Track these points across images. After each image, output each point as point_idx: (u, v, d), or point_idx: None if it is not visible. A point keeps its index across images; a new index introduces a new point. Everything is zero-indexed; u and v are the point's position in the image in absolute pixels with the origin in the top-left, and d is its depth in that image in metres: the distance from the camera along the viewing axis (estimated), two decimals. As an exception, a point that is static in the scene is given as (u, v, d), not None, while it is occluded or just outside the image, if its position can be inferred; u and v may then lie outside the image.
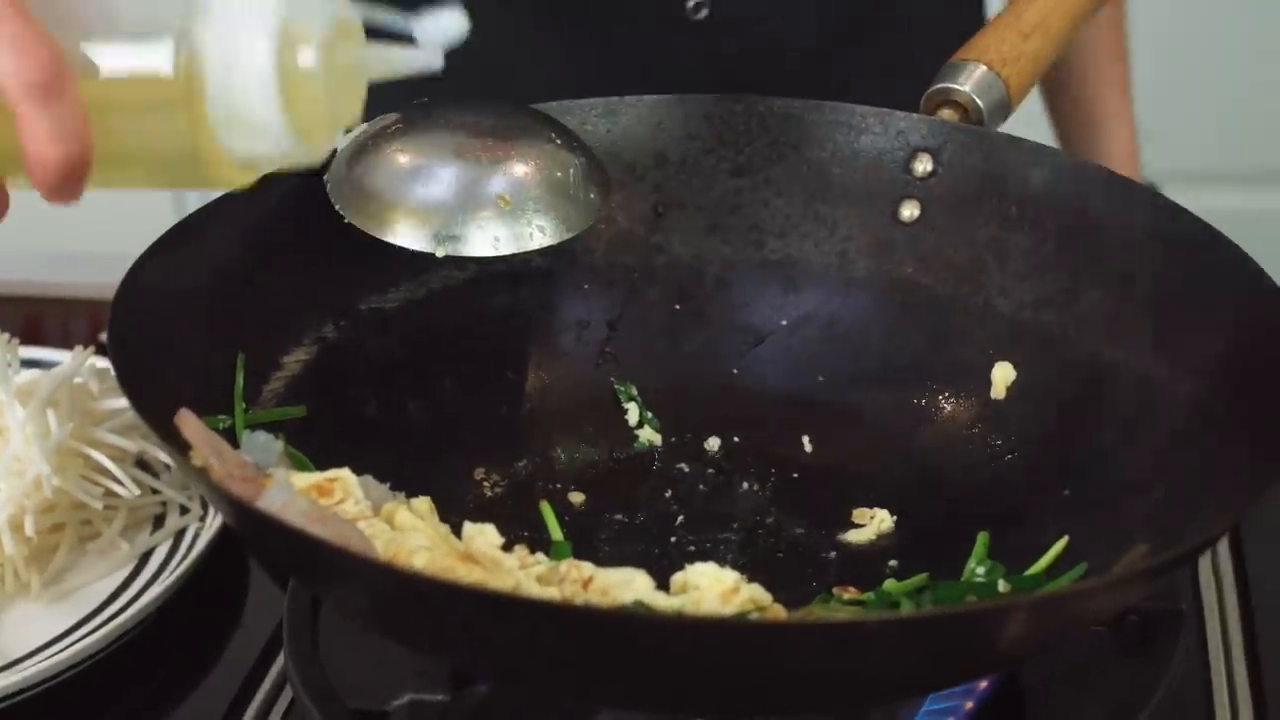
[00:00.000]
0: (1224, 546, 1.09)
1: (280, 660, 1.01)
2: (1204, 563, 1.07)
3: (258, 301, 1.02)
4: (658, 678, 0.77)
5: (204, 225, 1.01)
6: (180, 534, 1.10)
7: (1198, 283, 1.00)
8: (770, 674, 0.76)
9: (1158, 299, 1.01)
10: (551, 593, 0.87)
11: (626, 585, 0.87)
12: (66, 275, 1.54)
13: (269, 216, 1.04)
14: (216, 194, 1.02)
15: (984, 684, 0.92)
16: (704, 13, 1.35)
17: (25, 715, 0.98)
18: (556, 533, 0.98)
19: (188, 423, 0.88)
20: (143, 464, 1.14)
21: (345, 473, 0.91)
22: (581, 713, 0.92)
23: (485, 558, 0.89)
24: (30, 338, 1.22)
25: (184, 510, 1.12)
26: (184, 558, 1.07)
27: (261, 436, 0.94)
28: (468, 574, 0.85)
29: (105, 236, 2.27)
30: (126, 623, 1.01)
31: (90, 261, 1.50)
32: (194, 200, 2.52)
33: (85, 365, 1.13)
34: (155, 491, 1.13)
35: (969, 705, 0.92)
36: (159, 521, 1.12)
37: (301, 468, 0.94)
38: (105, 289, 0.93)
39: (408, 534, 0.88)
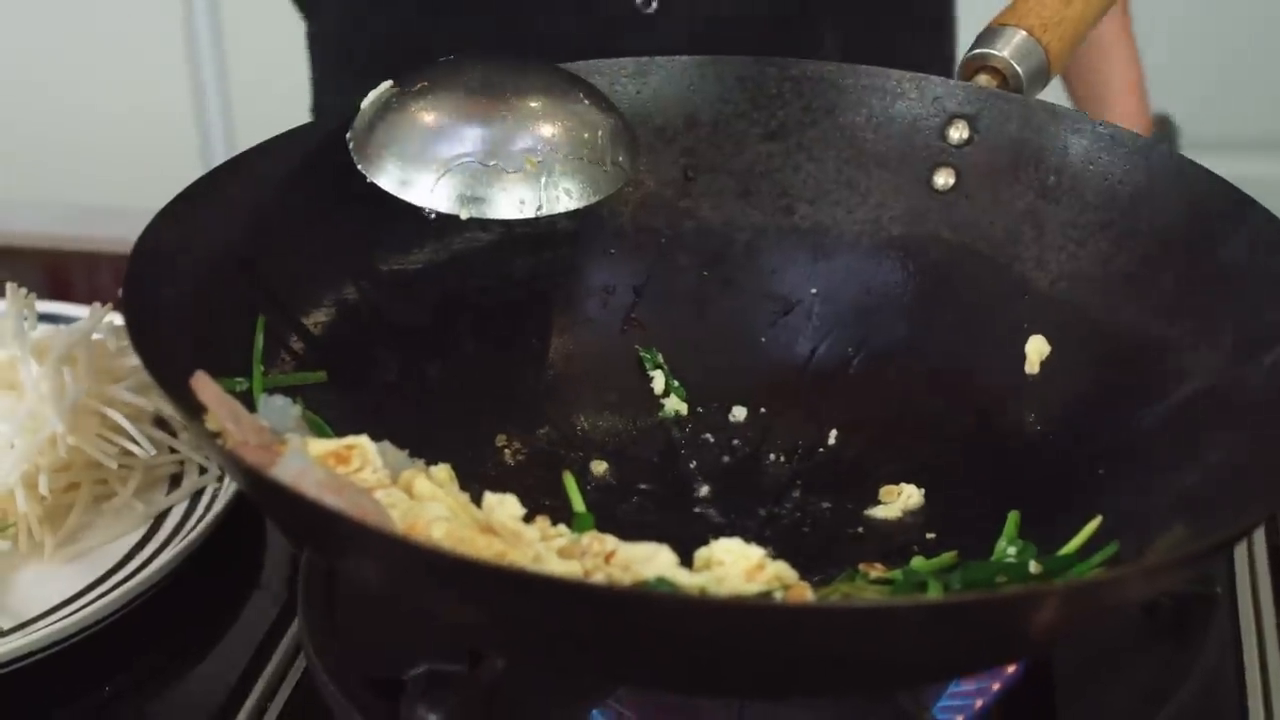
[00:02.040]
0: (1259, 532, 1.06)
1: (296, 624, 1.00)
2: (1239, 546, 1.05)
3: (277, 261, 1.00)
4: (678, 658, 0.75)
5: (223, 183, 0.99)
6: (198, 494, 1.09)
7: (1239, 258, 0.97)
8: (793, 657, 0.74)
9: (1198, 274, 0.99)
10: (573, 566, 0.85)
11: (649, 560, 0.85)
12: (92, 228, 1.52)
13: (290, 174, 1.02)
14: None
15: (1012, 667, 0.90)
16: (654, 6, 1.34)
17: (38, 676, 0.97)
18: (579, 504, 0.96)
19: (203, 385, 0.86)
20: (160, 422, 1.12)
21: (363, 440, 0.89)
22: (600, 687, 0.90)
23: (505, 529, 0.86)
24: (55, 292, 1.21)
25: (202, 470, 1.10)
26: (200, 519, 1.05)
27: (279, 400, 0.92)
28: (487, 546, 0.83)
29: (131, 190, 2.26)
30: (141, 584, 1.00)
31: (117, 215, 1.48)
32: (221, 156, 2.51)
33: (103, 322, 1.11)
34: (173, 450, 1.11)
35: (996, 687, 0.90)
36: (176, 481, 1.11)
37: (319, 433, 0.92)
38: (130, 244, 0.91)
39: (426, 503, 0.86)
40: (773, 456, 1.04)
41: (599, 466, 1.03)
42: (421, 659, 0.91)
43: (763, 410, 1.07)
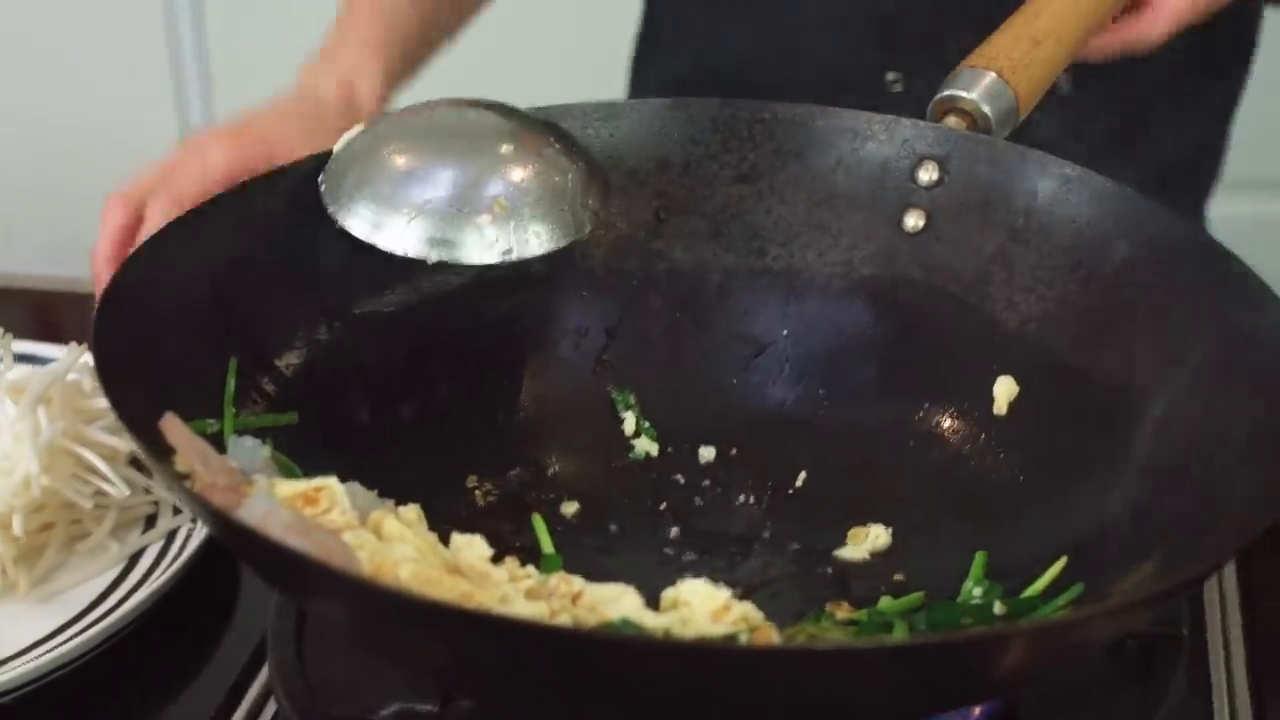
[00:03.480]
0: (1230, 570, 1.07)
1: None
2: (1208, 586, 1.05)
3: (250, 302, 1.01)
4: (644, 699, 0.76)
5: (196, 225, 0.99)
6: (172, 535, 1.09)
7: (1208, 303, 0.98)
8: (757, 699, 0.74)
9: (1167, 317, 0.99)
10: (540, 607, 0.86)
11: (615, 602, 0.86)
12: (79, 268, 1.52)
13: (263, 216, 1.03)
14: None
15: (978, 709, 0.90)
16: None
17: (11, 716, 0.97)
18: (547, 545, 0.96)
19: (172, 427, 0.87)
20: (135, 462, 1.12)
21: (331, 481, 0.89)
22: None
23: (473, 570, 0.87)
24: (42, 331, 1.22)
25: (176, 511, 1.10)
26: (175, 559, 1.06)
27: (248, 441, 0.93)
28: (454, 587, 0.84)
29: None
30: (115, 624, 1.00)
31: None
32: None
33: (79, 362, 1.12)
34: (147, 491, 1.11)
35: (965, 729, 0.91)
36: (150, 521, 1.11)
37: (288, 474, 0.93)
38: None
39: (394, 544, 0.87)
40: (743, 498, 1.05)
41: (569, 507, 1.03)
42: (393, 699, 0.91)
43: (733, 452, 1.08)
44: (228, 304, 0.99)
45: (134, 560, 1.07)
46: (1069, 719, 0.94)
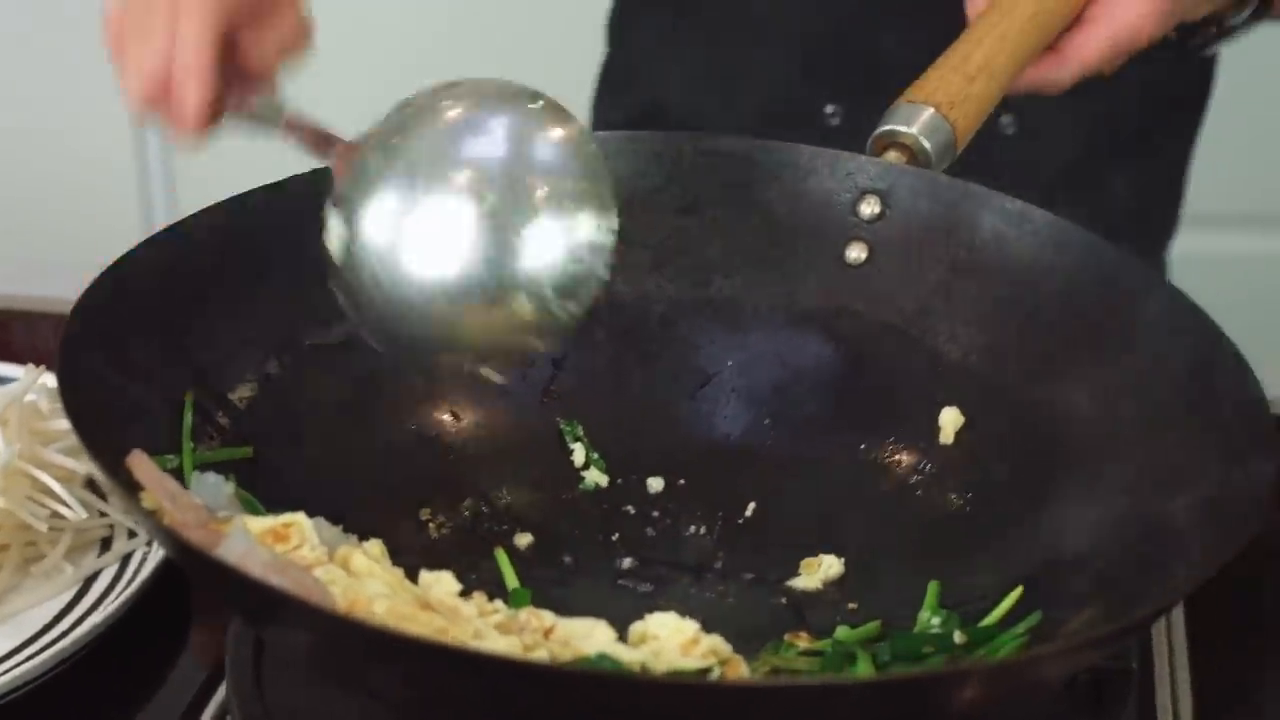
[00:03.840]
0: (1179, 609, 1.09)
1: (222, 689, 1.00)
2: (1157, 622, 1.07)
3: (202, 336, 1.01)
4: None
5: (151, 255, 1.00)
6: (127, 558, 1.09)
7: (1151, 337, 1.00)
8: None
9: (1110, 352, 1.01)
10: (512, 642, 0.86)
11: (588, 636, 0.87)
12: (30, 286, 1.51)
13: (213, 249, 1.03)
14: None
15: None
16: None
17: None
18: (512, 580, 0.97)
19: (140, 464, 0.87)
20: (91, 485, 1.12)
21: (300, 517, 0.90)
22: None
23: (444, 606, 0.88)
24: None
25: (131, 534, 1.11)
26: (129, 582, 1.06)
27: (211, 478, 0.93)
28: (429, 623, 0.84)
29: (72, 246, 2.25)
30: (70, 647, 1.00)
31: (55, 272, 1.49)
32: (163, 212, 2.48)
33: (36, 384, 1.12)
34: (103, 514, 1.11)
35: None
36: (106, 544, 1.11)
37: (251, 510, 0.93)
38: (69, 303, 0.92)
39: (365, 580, 0.87)
40: (693, 528, 1.06)
41: (523, 539, 1.04)
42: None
43: (682, 482, 1.08)
44: (181, 337, 0.99)
45: (89, 583, 1.07)
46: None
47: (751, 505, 1.07)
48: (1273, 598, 1.09)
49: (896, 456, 1.07)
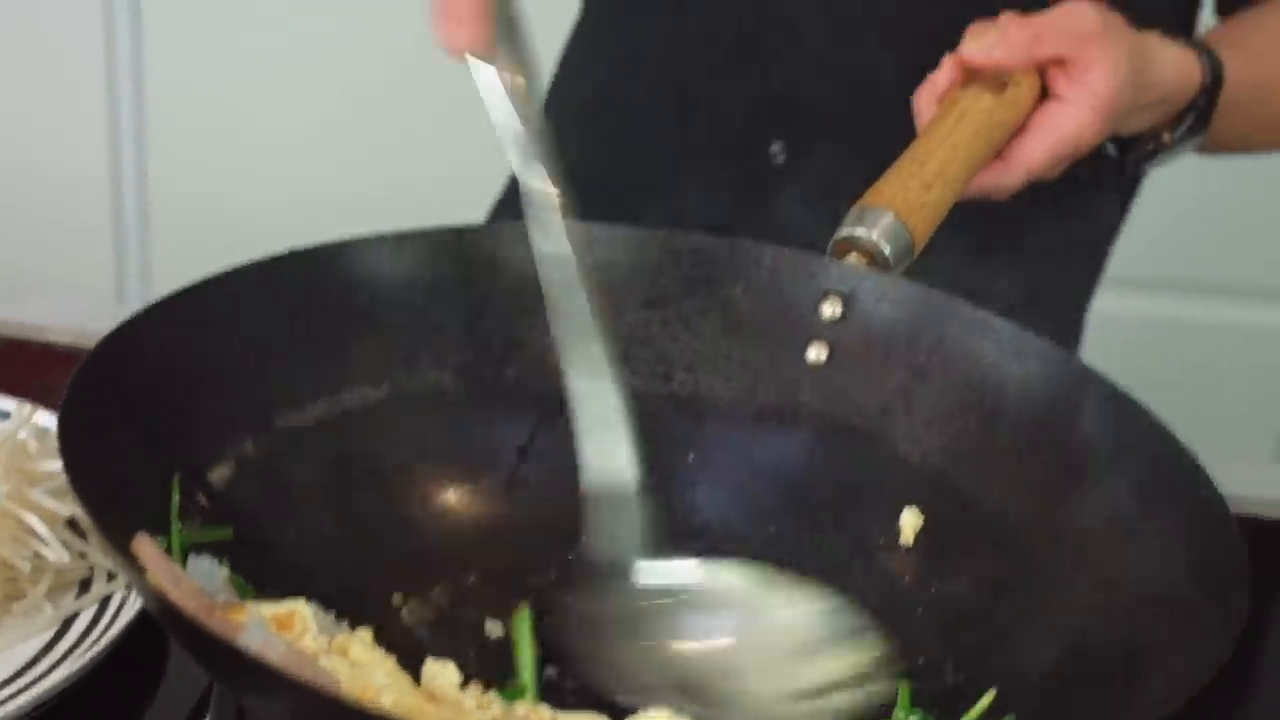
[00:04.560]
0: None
1: None
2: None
3: (183, 416, 1.02)
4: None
5: (134, 334, 1.00)
6: (105, 600, 1.09)
7: (1105, 446, 1.03)
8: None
9: (1063, 459, 1.05)
10: (511, 736, 0.88)
11: (589, 732, 0.88)
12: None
13: (189, 329, 1.03)
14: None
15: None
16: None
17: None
18: (528, 675, 0.97)
19: (144, 548, 0.87)
20: (71, 525, 1.13)
21: (301, 604, 0.91)
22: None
23: (448, 698, 0.89)
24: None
25: (110, 576, 1.11)
26: (109, 625, 1.06)
27: (206, 562, 0.94)
28: (436, 715, 0.86)
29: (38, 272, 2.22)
30: (47, 690, 1.01)
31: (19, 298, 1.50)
32: (134, 238, 2.45)
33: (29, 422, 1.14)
34: (83, 555, 1.12)
35: None
36: (85, 585, 1.11)
37: (243, 594, 0.94)
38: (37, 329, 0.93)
39: (368, 670, 0.88)
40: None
41: (494, 628, 1.05)
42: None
43: (649, 569, 1.10)
44: (164, 417, 1.00)
45: (67, 624, 1.08)
46: None
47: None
48: (1223, 707, 1.13)
49: (859, 554, 1.09)
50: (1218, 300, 2.49)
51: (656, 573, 1.05)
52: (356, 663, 0.89)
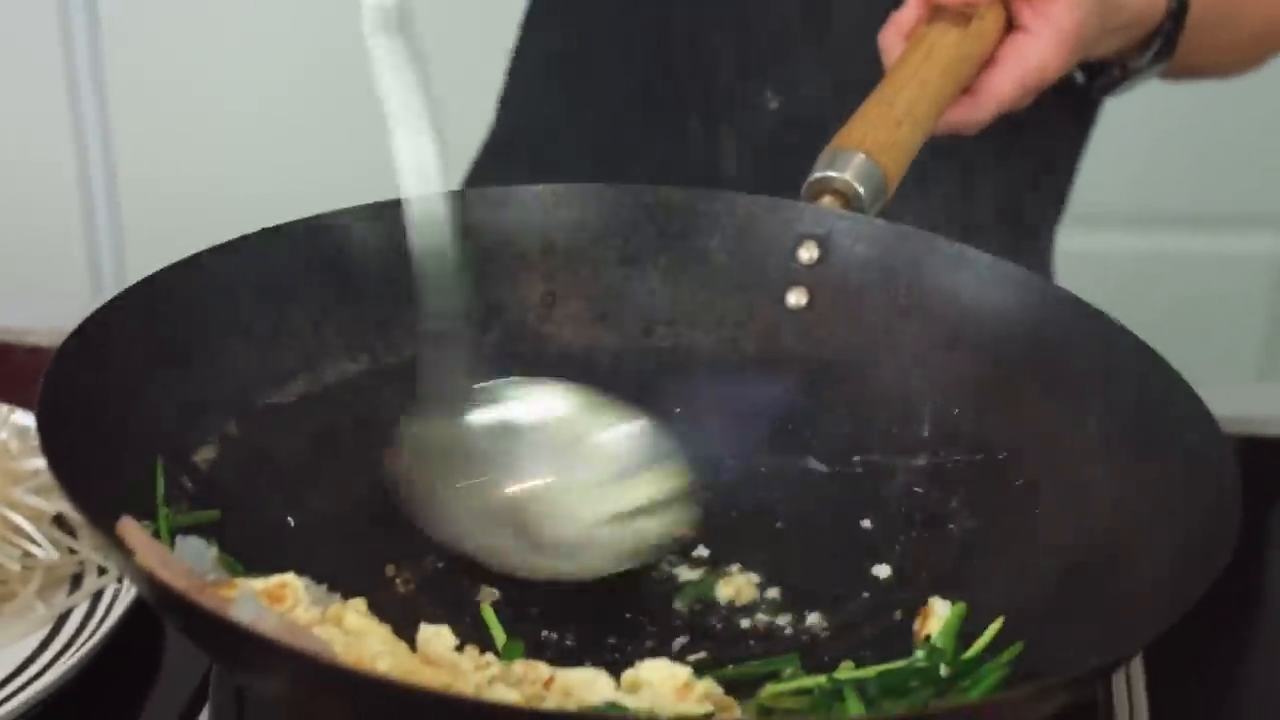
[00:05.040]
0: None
1: None
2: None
3: (165, 398, 1.01)
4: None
5: (112, 319, 1.00)
6: (98, 595, 1.09)
7: (1090, 368, 1.03)
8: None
9: (1051, 385, 1.04)
10: (513, 695, 0.87)
11: (589, 686, 0.88)
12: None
13: (168, 311, 1.03)
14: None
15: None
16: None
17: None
18: (500, 635, 0.97)
19: (130, 531, 0.87)
20: (59, 522, 1.13)
21: (291, 577, 0.90)
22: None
23: (443, 661, 0.88)
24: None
25: (101, 571, 1.11)
26: (102, 620, 1.06)
27: (194, 542, 0.93)
28: (434, 678, 0.85)
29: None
30: (44, 689, 1.01)
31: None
32: (106, 236, 2.44)
33: (8, 422, 1.14)
34: (73, 551, 1.12)
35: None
36: (76, 581, 1.11)
37: (234, 573, 0.93)
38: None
39: (362, 638, 0.88)
40: (653, 573, 1.07)
41: (489, 594, 1.04)
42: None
43: (638, 528, 1.10)
44: (145, 400, 0.99)
45: (61, 621, 1.08)
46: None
47: (700, 547, 1.08)
48: (1223, 624, 1.13)
49: (858, 489, 1.09)
50: (1186, 230, 2.48)
51: (486, 404, 1.06)
52: (351, 631, 0.88)
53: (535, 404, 1.06)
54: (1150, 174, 2.35)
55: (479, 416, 1.05)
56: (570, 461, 1.05)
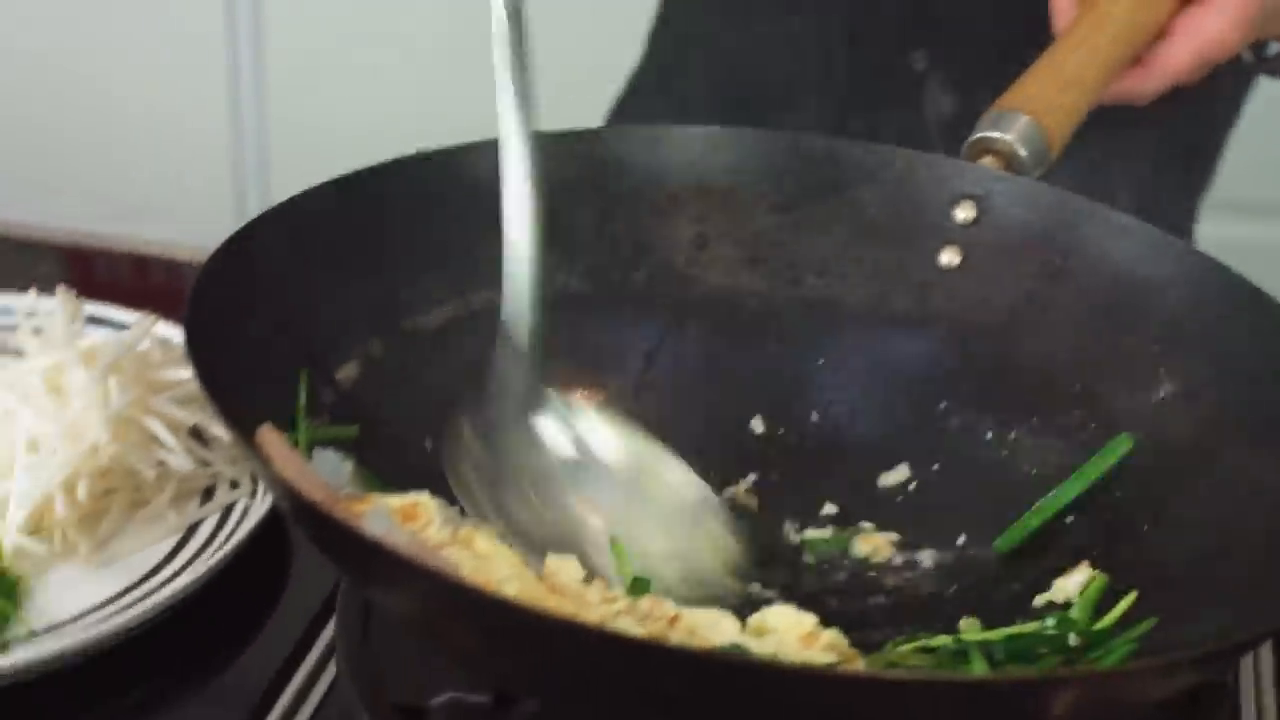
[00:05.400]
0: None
1: (322, 638, 1.03)
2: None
3: (310, 313, 1.01)
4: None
5: (263, 233, 1.00)
6: (229, 508, 1.11)
7: (1243, 348, 1.01)
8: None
9: (1203, 363, 1.02)
10: (637, 629, 0.87)
11: (714, 626, 0.88)
12: (110, 224, 1.56)
13: (318, 227, 1.03)
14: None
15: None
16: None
17: (64, 682, 0.98)
18: (628, 569, 0.97)
19: (270, 440, 0.87)
20: (196, 435, 1.14)
21: (425, 496, 0.90)
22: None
23: (570, 591, 0.88)
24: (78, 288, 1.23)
25: (234, 485, 1.12)
26: (231, 533, 1.07)
27: (332, 456, 0.94)
28: (559, 607, 0.85)
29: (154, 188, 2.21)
30: (173, 595, 1.01)
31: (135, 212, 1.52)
32: (253, 159, 2.47)
33: (150, 331, 1.15)
34: (206, 464, 1.13)
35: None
36: (209, 494, 1.12)
37: (371, 488, 0.93)
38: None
39: (491, 562, 0.88)
40: (786, 524, 1.06)
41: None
42: (447, 687, 0.92)
43: (775, 477, 1.09)
44: (292, 314, 1.00)
45: (191, 531, 1.09)
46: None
47: (827, 505, 1.07)
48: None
49: (981, 467, 1.08)
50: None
51: (555, 429, 1.04)
52: (480, 555, 0.89)
53: (599, 428, 1.05)
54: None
55: (547, 427, 1.04)
56: (634, 492, 1.04)
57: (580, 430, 1.04)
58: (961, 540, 1.04)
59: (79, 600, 1.02)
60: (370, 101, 2.51)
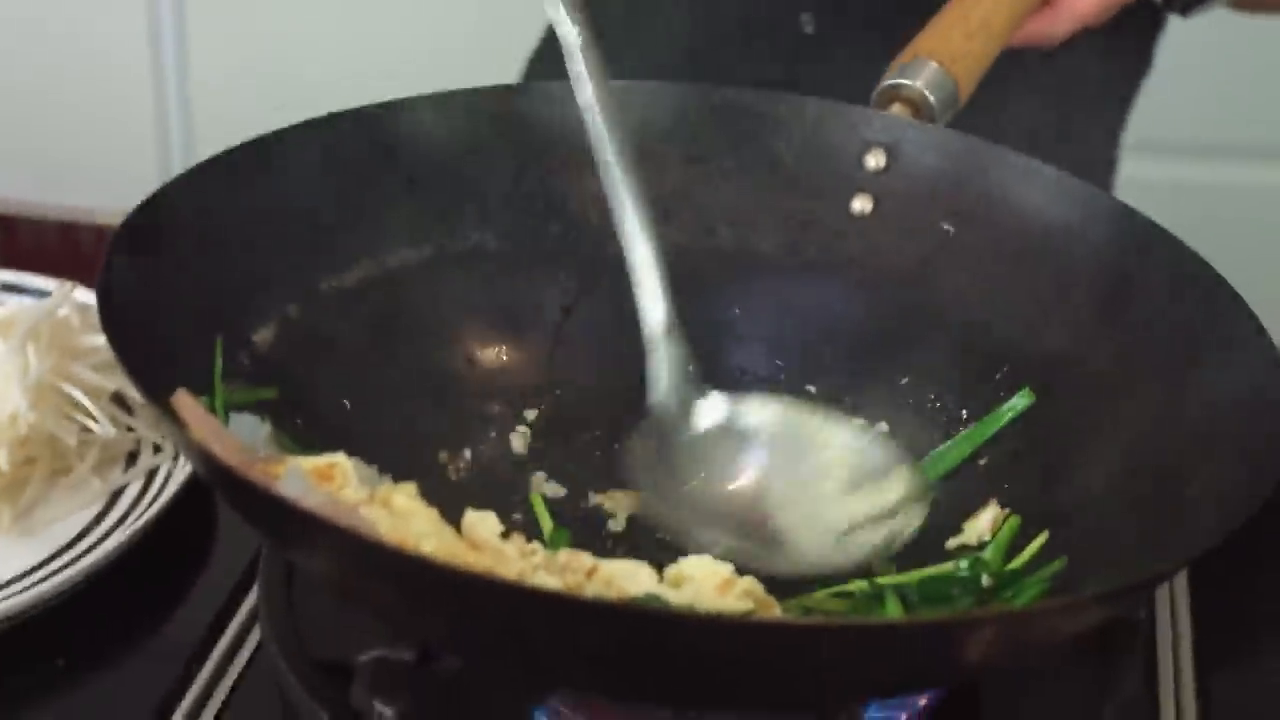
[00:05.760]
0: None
1: (248, 601, 1.04)
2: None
3: (227, 277, 1.01)
4: (658, 670, 0.78)
5: (180, 194, 1.00)
6: (153, 473, 1.11)
7: (1154, 289, 1.02)
8: (761, 670, 0.78)
9: (1112, 304, 1.04)
10: (554, 582, 0.88)
11: (631, 577, 0.88)
12: (32, 192, 1.55)
13: (233, 189, 1.03)
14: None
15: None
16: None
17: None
18: (548, 523, 0.98)
19: (185, 404, 0.87)
20: (118, 399, 1.14)
21: (341, 457, 0.91)
22: (547, 688, 0.92)
23: (488, 546, 0.89)
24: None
25: (157, 449, 1.12)
26: (155, 497, 1.08)
27: (249, 419, 0.94)
28: (478, 562, 0.86)
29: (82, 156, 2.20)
30: (97, 561, 1.02)
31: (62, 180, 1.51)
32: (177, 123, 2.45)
33: (68, 298, 1.15)
34: (130, 429, 1.13)
35: (923, 702, 0.93)
36: (132, 459, 1.12)
37: (286, 451, 0.94)
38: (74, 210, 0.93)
39: (409, 520, 0.88)
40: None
41: (540, 482, 1.05)
42: (372, 646, 0.93)
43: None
44: (208, 277, 1.00)
45: (115, 497, 1.10)
46: (1026, 695, 0.97)
47: None
48: (1271, 545, 1.12)
49: (900, 404, 1.09)
50: (1249, 161, 2.45)
51: (703, 414, 1.06)
52: (398, 513, 0.89)
53: (763, 413, 1.07)
54: (1213, 104, 2.31)
55: (709, 421, 1.06)
56: (792, 469, 1.05)
57: (741, 411, 1.06)
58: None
59: (2, 569, 1.02)
60: (296, 62, 2.49)
